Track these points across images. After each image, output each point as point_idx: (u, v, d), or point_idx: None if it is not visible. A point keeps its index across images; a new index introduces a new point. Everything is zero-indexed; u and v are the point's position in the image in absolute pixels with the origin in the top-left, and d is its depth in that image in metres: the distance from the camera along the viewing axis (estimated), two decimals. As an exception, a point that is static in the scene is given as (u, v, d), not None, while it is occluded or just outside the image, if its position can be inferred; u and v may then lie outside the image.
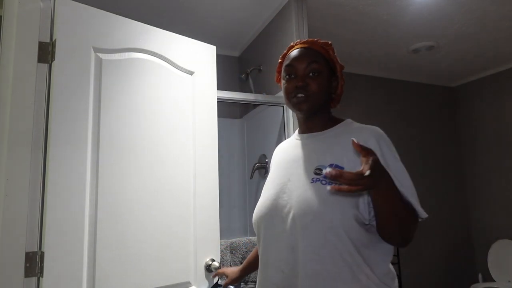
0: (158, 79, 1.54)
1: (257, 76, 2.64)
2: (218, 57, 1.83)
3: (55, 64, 1.27)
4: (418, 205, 0.88)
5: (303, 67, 0.98)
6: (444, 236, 3.65)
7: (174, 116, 1.56)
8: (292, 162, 1.00)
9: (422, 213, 0.89)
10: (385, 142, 0.93)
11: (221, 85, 1.95)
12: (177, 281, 1.46)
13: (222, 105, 2.32)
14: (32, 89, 1.24)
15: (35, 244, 1.19)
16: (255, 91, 2.60)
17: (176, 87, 1.59)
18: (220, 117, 1.88)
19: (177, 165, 1.54)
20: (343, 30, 2.71)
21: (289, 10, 2.21)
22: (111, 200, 1.32)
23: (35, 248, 1.19)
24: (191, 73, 1.66)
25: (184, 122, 1.59)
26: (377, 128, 0.96)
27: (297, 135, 1.08)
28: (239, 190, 2.76)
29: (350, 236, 0.86)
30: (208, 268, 1.53)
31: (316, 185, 0.89)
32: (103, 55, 1.39)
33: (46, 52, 1.29)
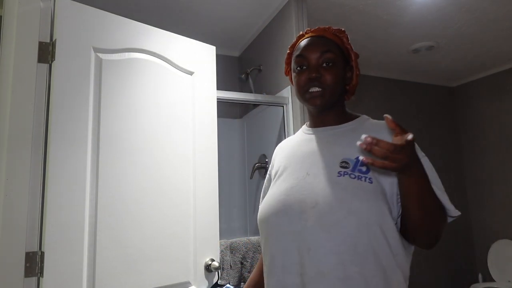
0: (158, 79, 1.54)
1: (257, 76, 2.65)
2: (218, 57, 1.83)
3: (55, 64, 1.27)
4: (449, 203, 0.81)
5: (316, 57, 0.90)
6: (444, 236, 3.64)
7: (174, 116, 1.56)
8: (308, 156, 0.91)
9: (454, 211, 0.82)
10: None
11: (221, 85, 1.95)
12: (177, 281, 1.46)
13: (222, 105, 2.32)
14: (32, 89, 1.24)
15: (35, 244, 1.19)
16: (255, 91, 2.60)
17: (176, 87, 1.59)
18: (220, 117, 1.88)
19: (177, 165, 1.54)
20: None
21: (289, 10, 2.21)
22: (111, 200, 1.33)
23: (35, 248, 1.19)
24: (191, 73, 1.66)
25: (184, 122, 1.59)
26: None
27: (307, 129, 1.00)
28: (239, 190, 2.76)
29: (386, 235, 0.78)
30: (208, 268, 1.53)
31: (345, 179, 0.81)
32: (103, 55, 1.39)
33: (46, 52, 1.29)
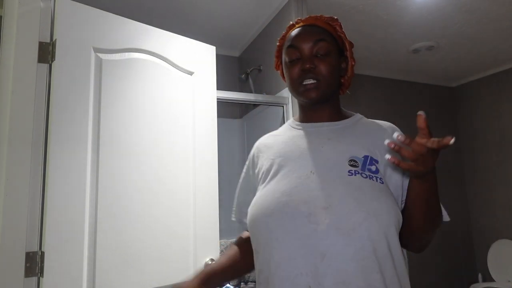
0: (158, 79, 1.54)
1: (257, 76, 2.65)
2: (218, 57, 1.83)
3: (55, 64, 1.27)
4: (442, 207, 0.81)
5: (309, 47, 0.84)
6: (444, 236, 3.65)
7: (174, 116, 1.56)
8: (308, 153, 0.82)
9: (446, 216, 0.82)
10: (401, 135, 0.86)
11: (221, 85, 1.95)
12: (177, 281, 1.46)
13: (222, 105, 2.32)
14: (32, 89, 1.24)
15: (35, 244, 1.19)
16: (255, 91, 2.60)
17: (176, 87, 1.59)
18: (220, 117, 1.88)
19: (177, 165, 1.54)
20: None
21: (289, 10, 2.21)
22: (111, 200, 1.33)
23: (35, 248, 1.19)
24: (191, 73, 1.66)
25: (184, 122, 1.60)
26: (393, 125, 0.89)
27: (298, 124, 0.92)
28: (239, 190, 2.76)
29: (395, 241, 0.73)
30: (208, 268, 1.53)
31: (357, 179, 0.75)
32: (103, 55, 1.39)
33: (46, 52, 1.29)
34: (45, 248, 1.17)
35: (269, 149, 0.92)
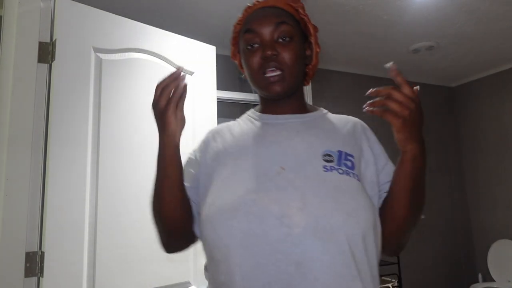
0: (158, 79, 1.54)
1: (257, 76, 2.64)
2: (218, 57, 1.82)
3: (55, 64, 1.27)
4: None
5: (270, 31, 0.73)
6: (444, 236, 3.65)
7: (174, 116, 1.56)
8: (275, 147, 0.73)
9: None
10: (372, 133, 0.82)
11: (221, 85, 1.95)
12: (177, 281, 1.46)
13: (222, 105, 2.32)
14: (32, 89, 1.24)
15: (35, 244, 1.19)
16: (255, 91, 2.60)
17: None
18: (220, 117, 1.88)
19: (177, 165, 1.54)
20: (343, 30, 2.71)
21: (289, 10, 2.21)
22: (111, 200, 1.33)
23: (35, 248, 1.19)
24: (191, 73, 1.66)
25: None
26: (360, 120, 0.85)
27: (260, 115, 0.82)
28: (239, 190, 2.76)
29: (376, 241, 0.68)
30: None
31: (334, 175, 0.67)
32: (103, 55, 1.39)
33: (46, 52, 1.29)
34: (45, 248, 1.17)
35: (226, 139, 0.79)
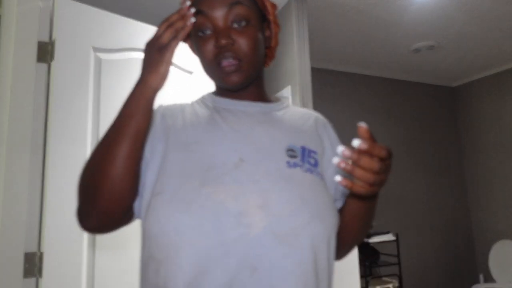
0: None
1: (257, 76, 2.64)
2: (218, 57, 1.82)
3: (55, 64, 1.26)
4: None
5: (223, 14, 0.64)
6: (445, 237, 3.64)
7: (174, 116, 1.56)
8: (234, 135, 0.65)
9: None
10: (332, 130, 0.77)
11: (221, 85, 1.95)
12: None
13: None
14: (32, 89, 1.24)
15: (34, 245, 1.18)
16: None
17: (175, 87, 1.59)
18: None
19: (177, 165, 1.53)
20: (343, 30, 2.71)
21: (289, 10, 2.21)
22: (111, 201, 1.32)
23: (34, 249, 1.18)
24: (190, 73, 1.65)
25: (184, 122, 1.59)
26: (321, 115, 0.79)
27: (216, 99, 0.73)
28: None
29: (334, 245, 0.64)
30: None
31: (297, 172, 0.62)
32: (103, 55, 1.39)
33: (46, 52, 1.28)
34: (44, 249, 1.16)
35: (177, 121, 0.69)
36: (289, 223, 0.56)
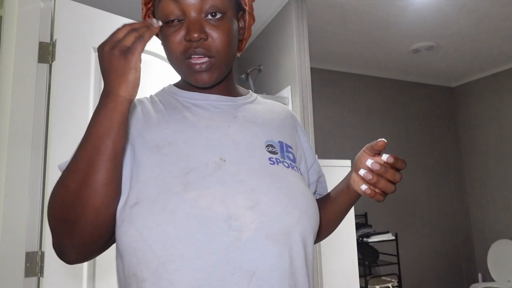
0: (158, 79, 1.54)
1: (257, 76, 2.65)
2: (218, 57, 1.82)
3: (55, 64, 1.27)
4: None
5: (196, 4, 0.58)
6: (444, 236, 3.65)
7: (174, 116, 1.56)
8: (210, 134, 0.59)
9: None
10: (300, 125, 0.75)
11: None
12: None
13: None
14: (32, 89, 1.24)
15: (36, 244, 1.19)
16: (255, 91, 2.60)
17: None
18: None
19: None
20: (343, 31, 2.72)
21: (289, 10, 2.22)
22: (111, 200, 1.33)
23: (36, 248, 1.19)
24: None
25: (184, 122, 1.60)
26: (289, 108, 0.78)
27: (184, 93, 0.66)
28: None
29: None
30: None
31: (281, 168, 0.59)
32: (103, 55, 1.39)
33: (47, 52, 1.29)
34: (45, 248, 1.17)
35: (139, 121, 0.62)
36: (281, 222, 0.53)
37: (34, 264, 1.18)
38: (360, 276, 2.33)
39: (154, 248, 0.50)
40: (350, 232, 2.29)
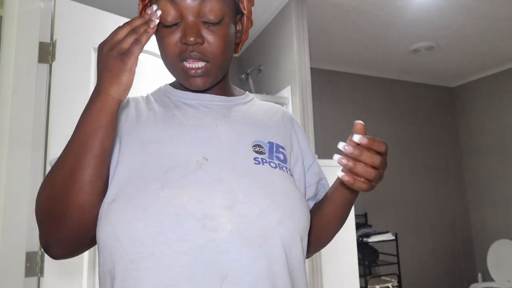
0: (158, 80, 1.54)
1: (257, 76, 2.65)
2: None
3: (56, 65, 1.27)
4: None
5: (195, 7, 0.57)
6: (444, 236, 3.66)
7: (174, 116, 1.56)
8: (196, 133, 0.59)
9: None
10: (299, 126, 0.74)
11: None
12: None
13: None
14: (33, 89, 1.25)
15: (36, 244, 1.19)
16: (255, 91, 2.60)
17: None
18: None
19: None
20: (343, 31, 2.72)
21: (289, 10, 2.22)
22: (111, 200, 1.33)
23: (36, 248, 1.19)
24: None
25: (184, 122, 1.60)
26: (288, 110, 0.75)
27: (176, 92, 0.67)
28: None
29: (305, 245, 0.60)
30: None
31: (266, 169, 0.57)
32: (103, 55, 1.39)
33: (47, 53, 1.29)
34: (45, 248, 1.17)
35: (130, 119, 0.63)
36: (258, 224, 0.51)
37: (34, 264, 1.18)
38: (360, 276, 2.33)
39: (125, 245, 0.49)
40: (350, 232, 2.29)
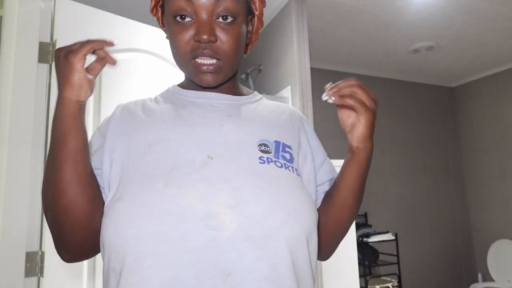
0: (158, 79, 1.54)
1: (257, 76, 2.65)
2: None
3: (56, 64, 1.27)
4: None
5: (209, 5, 0.58)
6: (444, 236, 3.66)
7: (174, 116, 1.57)
8: (201, 131, 0.59)
9: None
10: (309, 125, 0.73)
11: (221, 85, 1.95)
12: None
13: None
14: (33, 89, 1.25)
15: (36, 244, 1.19)
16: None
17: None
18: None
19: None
20: (343, 30, 2.72)
21: (289, 10, 2.22)
22: (111, 200, 1.33)
23: (36, 248, 1.19)
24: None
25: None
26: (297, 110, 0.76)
27: (182, 91, 0.68)
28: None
29: (316, 245, 0.59)
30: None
31: (271, 168, 0.57)
32: (103, 55, 1.39)
33: (47, 52, 1.29)
34: (45, 248, 1.17)
35: (136, 118, 0.63)
36: (263, 224, 0.51)
37: (34, 264, 1.18)
38: (360, 276, 2.33)
39: (129, 244, 0.50)
40: (350, 232, 2.29)
